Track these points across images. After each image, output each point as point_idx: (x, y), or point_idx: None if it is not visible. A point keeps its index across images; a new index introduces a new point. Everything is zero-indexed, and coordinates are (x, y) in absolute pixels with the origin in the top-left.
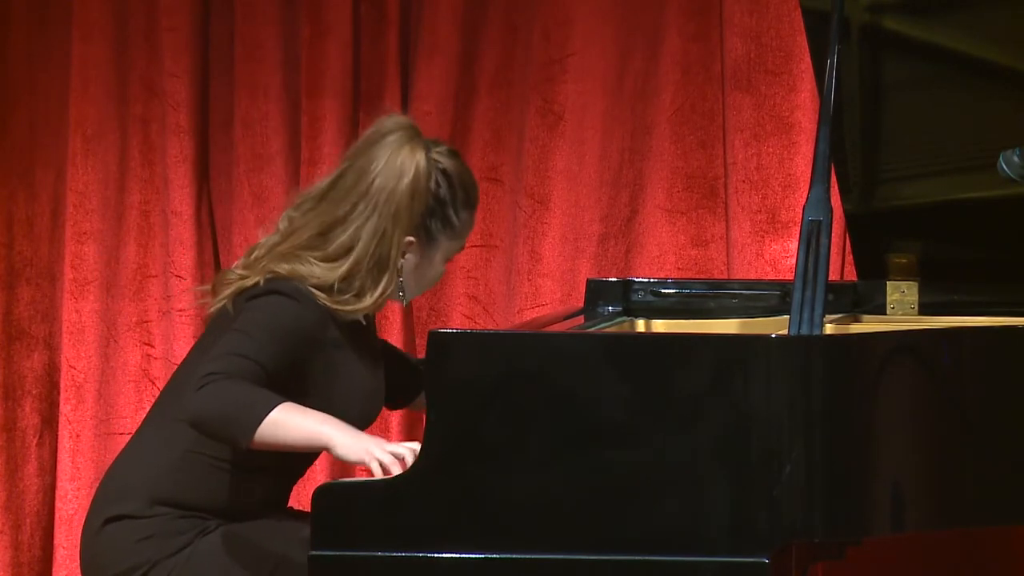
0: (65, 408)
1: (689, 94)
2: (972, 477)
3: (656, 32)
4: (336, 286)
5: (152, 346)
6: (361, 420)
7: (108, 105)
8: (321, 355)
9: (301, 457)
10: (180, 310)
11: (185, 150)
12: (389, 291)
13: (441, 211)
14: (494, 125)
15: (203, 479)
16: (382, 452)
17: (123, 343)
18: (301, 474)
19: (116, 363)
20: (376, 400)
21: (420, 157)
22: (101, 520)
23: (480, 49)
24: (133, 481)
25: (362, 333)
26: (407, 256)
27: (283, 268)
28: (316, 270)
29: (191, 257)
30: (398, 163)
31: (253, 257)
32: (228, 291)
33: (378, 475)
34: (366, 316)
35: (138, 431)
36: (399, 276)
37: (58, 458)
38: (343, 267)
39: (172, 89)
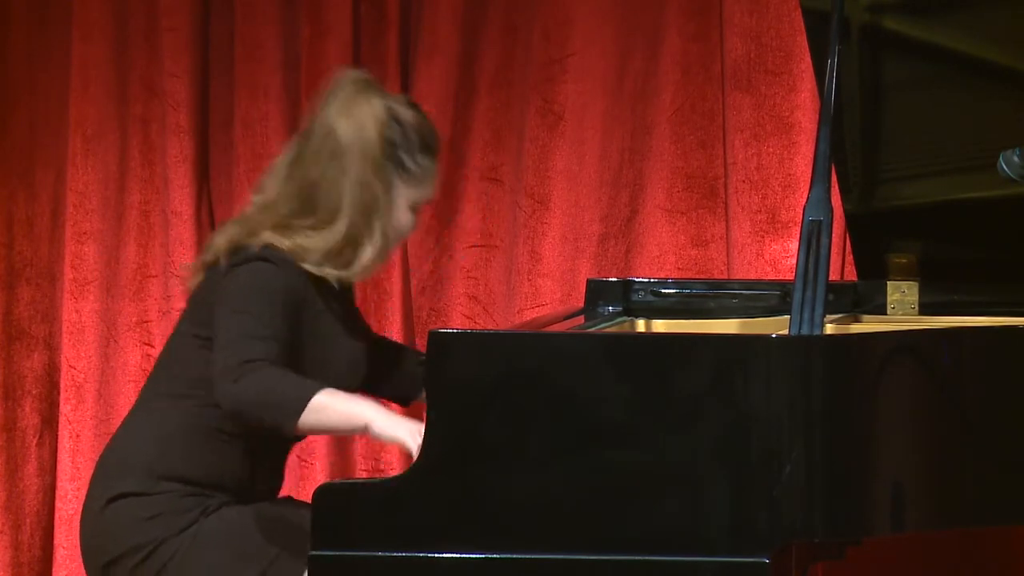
0: (65, 408)
1: (689, 94)
2: (972, 477)
3: (656, 32)
4: (337, 249)
5: (152, 346)
6: (344, 385)
7: (108, 105)
8: (308, 318)
9: None
10: (180, 310)
11: (185, 150)
12: (387, 241)
13: (394, 154)
14: (494, 125)
15: (201, 451)
16: (418, 434)
17: (123, 343)
18: (296, 441)
19: (116, 363)
20: (358, 367)
21: (376, 103)
22: (104, 499)
23: (480, 49)
24: (134, 457)
25: (337, 299)
26: None
27: (284, 244)
28: (317, 241)
29: (191, 257)
30: (357, 114)
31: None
32: (222, 242)
33: (414, 453)
34: (341, 284)
35: (133, 409)
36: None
37: (58, 458)
38: (339, 227)
39: (172, 89)
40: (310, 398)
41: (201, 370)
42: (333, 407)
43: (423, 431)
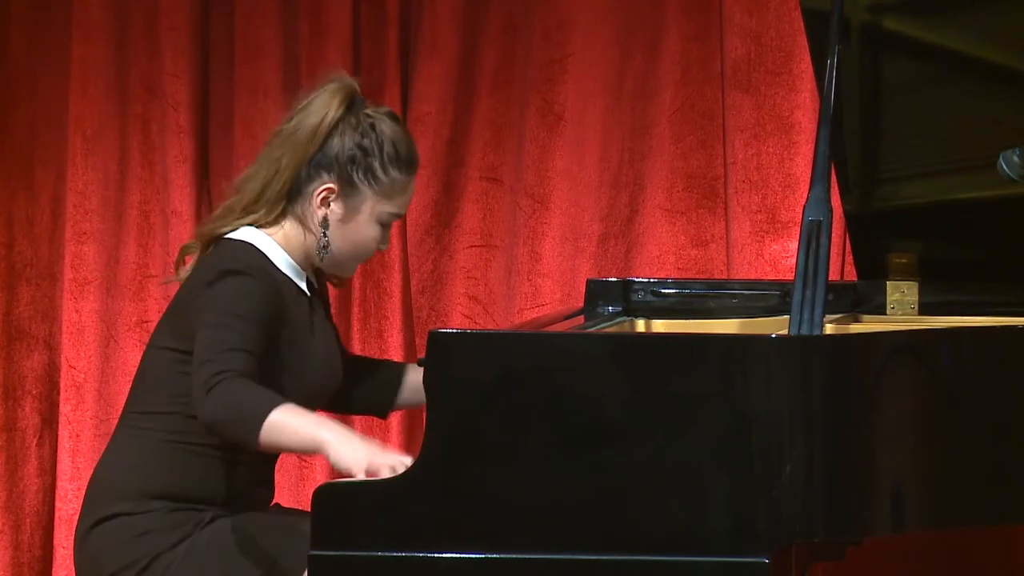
0: (65, 408)
1: (689, 94)
2: (972, 477)
3: (656, 32)
4: (294, 242)
5: None
6: (319, 392)
7: (108, 105)
8: (284, 326)
9: None
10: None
11: (185, 150)
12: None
13: (365, 161)
14: (494, 125)
15: (187, 467)
16: (372, 466)
17: (123, 343)
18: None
19: (116, 363)
20: (335, 373)
21: (335, 102)
22: (93, 521)
23: (480, 49)
24: (121, 479)
25: (308, 306)
26: (332, 207)
27: (254, 237)
28: (271, 230)
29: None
30: (316, 105)
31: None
32: (197, 239)
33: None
34: (311, 287)
35: (117, 427)
36: (325, 228)
37: (58, 458)
38: (274, 208)
39: (172, 89)
40: (267, 415)
41: (180, 385)
42: (290, 426)
43: (381, 459)
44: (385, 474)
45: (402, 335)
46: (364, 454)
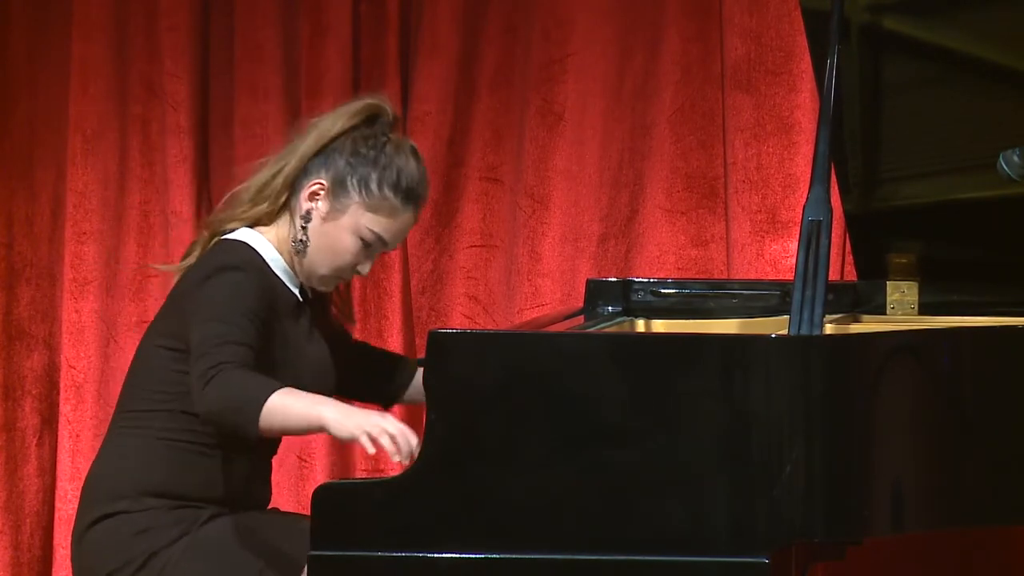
0: (65, 408)
1: (689, 94)
2: (972, 477)
3: (656, 32)
4: (283, 239)
5: None
6: (315, 389)
7: (108, 105)
8: (276, 323)
9: None
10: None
11: (185, 150)
12: (298, 230)
13: (362, 170)
14: (494, 125)
15: (185, 465)
16: (373, 426)
17: (123, 343)
18: (275, 448)
19: (116, 363)
20: (326, 372)
21: (354, 110)
22: (90, 520)
23: (480, 49)
24: (118, 479)
25: (301, 309)
26: (318, 204)
27: (251, 238)
28: (273, 230)
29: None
30: (338, 111)
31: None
32: (197, 248)
33: (370, 451)
34: (304, 294)
35: (111, 426)
36: (306, 221)
37: (58, 458)
38: (271, 204)
39: (172, 89)
40: (267, 399)
41: (175, 383)
42: (290, 407)
43: (381, 422)
44: (385, 441)
45: (402, 335)
46: (364, 419)
